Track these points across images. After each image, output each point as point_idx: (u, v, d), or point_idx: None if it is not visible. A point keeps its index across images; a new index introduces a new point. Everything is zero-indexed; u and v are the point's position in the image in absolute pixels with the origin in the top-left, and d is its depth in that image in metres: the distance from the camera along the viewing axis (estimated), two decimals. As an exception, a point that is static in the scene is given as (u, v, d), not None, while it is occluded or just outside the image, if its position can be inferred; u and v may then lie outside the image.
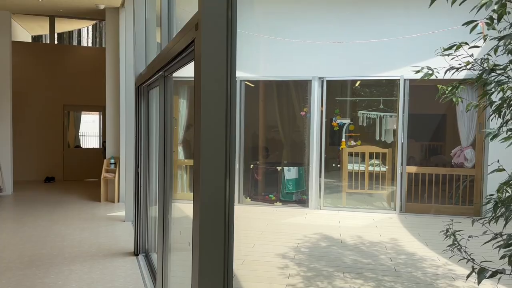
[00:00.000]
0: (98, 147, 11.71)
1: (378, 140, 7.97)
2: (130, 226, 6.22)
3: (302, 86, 8.05)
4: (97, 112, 11.86)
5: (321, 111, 7.63)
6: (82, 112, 11.86)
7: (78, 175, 11.00)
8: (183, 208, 6.67)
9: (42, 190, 9.35)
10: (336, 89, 8.91)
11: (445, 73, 2.65)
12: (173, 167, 7.04)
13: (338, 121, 7.98)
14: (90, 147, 12.22)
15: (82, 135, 12.22)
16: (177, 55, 2.59)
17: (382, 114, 7.98)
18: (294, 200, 8.01)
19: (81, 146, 11.90)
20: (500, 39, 2.19)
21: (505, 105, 2.49)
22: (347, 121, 8.00)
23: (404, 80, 7.26)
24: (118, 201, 7.94)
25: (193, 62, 2.05)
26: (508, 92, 2.54)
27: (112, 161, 8.14)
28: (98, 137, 12.23)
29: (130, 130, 5.86)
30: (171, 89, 3.53)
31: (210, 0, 1.79)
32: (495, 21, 2.26)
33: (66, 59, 11.03)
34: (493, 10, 2.20)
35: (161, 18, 3.89)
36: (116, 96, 8.15)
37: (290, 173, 8.03)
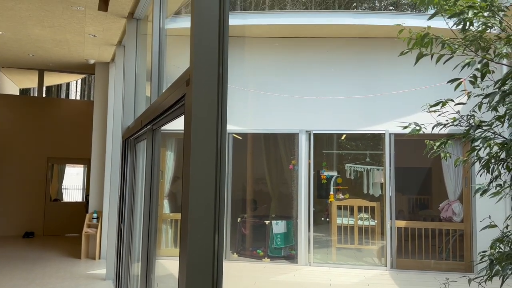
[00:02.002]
0: (81, 200, 11.42)
1: (366, 193, 7.95)
2: (111, 285, 5.91)
3: (290, 139, 8.11)
4: (82, 165, 11.69)
5: (309, 164, 7.65)
6: (67, 164, 11.67)
7: (58, 230, 10.62)
8: (168, 265, 6.41)
9: (20, 246, 8.95)
10: (322, 142, 9.00)
11: (433, 129, 2.69)
12: (158, 221, 6.86)
13: (326, 173, 7.98)
14: (72, 200, 11.92)
15: (65, 188, 11.94)
16: (167, 109, 2.58)
17: (369, 167, 8.03)
18: (283, 255, 7.79)
19: (62, 200, 11.59)
20: (485, 96, 2.24)
21: (493, 161, 2.52)
22: (335, 173, 8.01)
23: (389, 134, 7.38)
24: (99, 258, 7.61)
25: (183, 116, 2.04)
26: (495, 148, 2.58)
27: (95, 215, 7.90)
28: (81, 190, 11.97)
29: (115, 184, 5.74)
30: (159, 142, 3.50)
31: (202, 57, 1.81)
32: (479, 79, 2.34)
33: (53, 112, 11.02)
34: (477, 69, 2.27)
35: (152, 73, 3.93)
36: (102, 149, 8.07)
37: (279, 227, 7.88)
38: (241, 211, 8.73)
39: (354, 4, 26.99)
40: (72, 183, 12.61)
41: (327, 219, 8.02)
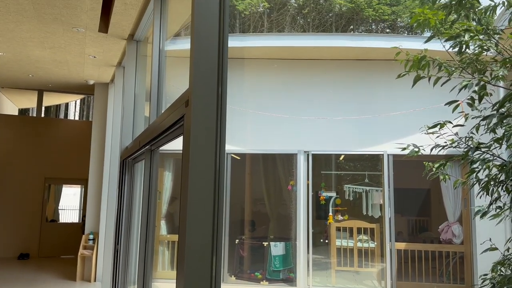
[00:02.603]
0: (77, 221, 11.30)
1: (365, 214, 7.89)
2: (106, 308, 5.79)
3: (288, 160, 8.10)
4: (79, 185, 11.62)
5: (307, 185, 7.61)
6: (64, 185, 11.60)
7: (54, 252, 10.47)
8: (164, 288, 6.30)
9: (14, 268, 8.81)
10: (321, 162, 8.99)
11: (431, 150, 2.69)
12: (155, 243, 6.78)
13: (325, 194, 7.95)
14: (69, 221, 11.80)
15: (62, 209, 11.84)
16: (166, 130, 2.58)
17: (367, 188, 8.00)
18: (281, 278, 7.67)
19: (58, 220, 11.48)
20: (483, 119, 2.25)
21: (492, 183, 2.51)
22: (333, 194, 7.97)
23: (388, 155, 7.38)
24: (95, 280, 7.48)
25: (181, 137, 2.03)
26: (494, 170, 2.57)
27: (91, 236, 7.80)
28: (78, 211, 11.86)
29: (112, 205, 5.70)
30: (157, 162, 3.49)
31: (201, 78, 1.82)
32: (476, 101, 2.35)
33: (52, 132, 11.02)
34: (474, 91, 2.29)
35: (151, 93, 3.95)
36: (99, 169, 8.03)
37: (277, 248, 7.78)
38: (239, 232, 8.64)
39: (351, 26, 27.41)
40: (69, 203, 12.52)
41: (326, 241, 7.94)
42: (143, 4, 4.08)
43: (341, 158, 9.19)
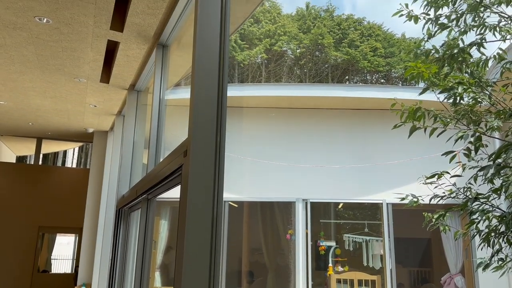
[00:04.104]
0: (70, 272, 10.98)
1: (366, 265, 7.70)
2: None
3: (287, 208, 8.02)
4: (73, 234, 11.39)
5: (306, 234, 7.49)
6: (58, 233, 11.38)
7: (43, 304, 10.07)
8: None
9: (0, 322, 8.43)
10: (320, 211, 8.89)
11: (430, 201, 2.68)
12: (149, 295, 6.54)
13: (324, 243, 7.79)
14: (61, 272, 11.46)
15: (55, 259, 11.53)
16: (163, 179, 2.58)
17: (368, 238, 7.86)
18: (280, 333, 7.34)
19: (50, 271, 11.15)
20: (480, 169, 2.26)
21: (493, 234, 2.47)
22: (333, 244, 7.82)
23: (387, 204, 7.33)
24: (85, 335, 7.15)
25: (179, 186, 2.03)
26: (494, 221, 2.54)
27: (83, 288, 7.54)
28: (71, 261, 11.55)
29: (106, 255, 5.56)
30: (154, 212, 3.44)
31: (200, 128, 1.84)
32: (473, 152, 2.37)
33: (48, 179, 10.96)
34: (470, 142, 2.31)
35: (150, 141, 3.97)
36: (94, 218, 7.91)
37: (275, 302, 7.51)
38: (237, 283, 8.38)
39: (347, 77, 28.15)
40: (62, 253, 12.22)
41: (326, 293, 7.69)
42: (145, 57, 4.20)
43: (340, 206, 9.10)
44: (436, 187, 2.66)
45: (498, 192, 2.35)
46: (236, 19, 3.56)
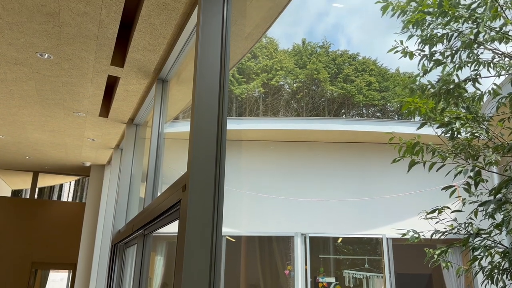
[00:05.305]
0: (61, 309, 10.64)
1: (366, 303, 7.51)
2: None
3: (285, 242, 7.89)
4: (67, 270, 11.12)
5: (305, 269, 7.33)
6: (51, 270, 11.11)
7: None
8: None
9: None
10: (319, 245, 8.75)
11: (431, 236, 2.64)
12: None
13: (323, 279, 7.62)
14: (52, 309, 11.09)
15: (46, 296, 11.20)
16: (161, 214, 2.54)
17: (368, 274, 7.70)
18: None
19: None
20: (480, 204, 2.25)
21: (496, 271, 2.42)
22: (333, 280, 7.64)
23: (387, 239, 7.23)
24: None
25: (177, 221, 2.00)
26: (496, 257, 2.50)
27: (75, 327, 7.28)
28: (63, 298, 11.22)
29: (100, 292, 5.40)
30: (150, 248, 3.38)
31: (199, 162, 1.83)
32: (472, 186, 2.36)
33: (44, 214, 10.80)
34: (470, 177, 2.31)
35: (147, 175, 3.95)
36: (89, 254, 7.75)
37: None
38: (234, 322, 8.13)
39: (343, 110, 28.47)
40: (54, 290, 11.88)
41: (326, 332, 7.45)
42: (145, 91, 4.25)
43: (339, 241, 8.97)
44: (437, 222, 2.63)
45: (500, 227, 2.33)
46: (235, 54, 3.63)
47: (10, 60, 3.69)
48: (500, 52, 3.05)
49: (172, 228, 1.94)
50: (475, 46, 2.92)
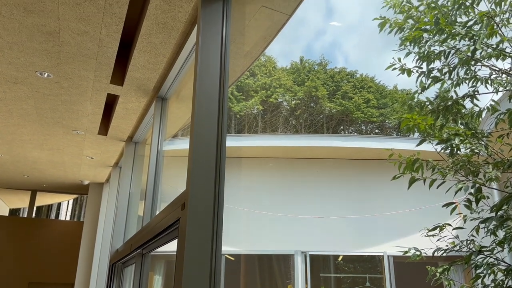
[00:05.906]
0: (58, 331, 10.42)
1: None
2: None
3: (285, 260, 7.80)
4: (64, 290, 10.94)
5: (305, 289, 7.23)
6: (47, 290, 10.93)
7: None
8: None
9: None
10: (319, 263, 8.65)
11: (433, 254, 2.61)
12: None
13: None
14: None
15: (42, 317, 10.99)
16: (159, 233, 2.51)
17: (369, 293, 7.60)
18: None
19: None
20: (482, 221, 2.23)
21: (500, 289, 2.39)
22: (333, 300, 7.53)
23: (388, 256, 7.15)
24: None
25: (176, 240, 1.97)
26: (500, 275, 2.47)
27: None
28: (60, 319, 11.01)
29: (98, 313, 5.31)
30: (148, 267, 3.33)
31: (199, 180, 1.82)
32: (473, 203, 2.35)
33: (41, 233, 10.70)
34: (470, 193, 2.30)
35: (146, 193, 3.93)
36: (87, 273, 7.65)
37: None
38: None
39: (342, 127, 28.55)
40: (51, 311, 11.67)
41: None
42: (144, 109, 4.25)
43: (339, 259, 8.87)
44: (438, 239, 2.60)
45: (502, 244, 2.30)
46: (234, 72, 3.65)
47: (9, 79, 3.71)
48: (497, 69, 3.07)
49: (171, 247, 1.91)
50: (473, 63, 2.94)
